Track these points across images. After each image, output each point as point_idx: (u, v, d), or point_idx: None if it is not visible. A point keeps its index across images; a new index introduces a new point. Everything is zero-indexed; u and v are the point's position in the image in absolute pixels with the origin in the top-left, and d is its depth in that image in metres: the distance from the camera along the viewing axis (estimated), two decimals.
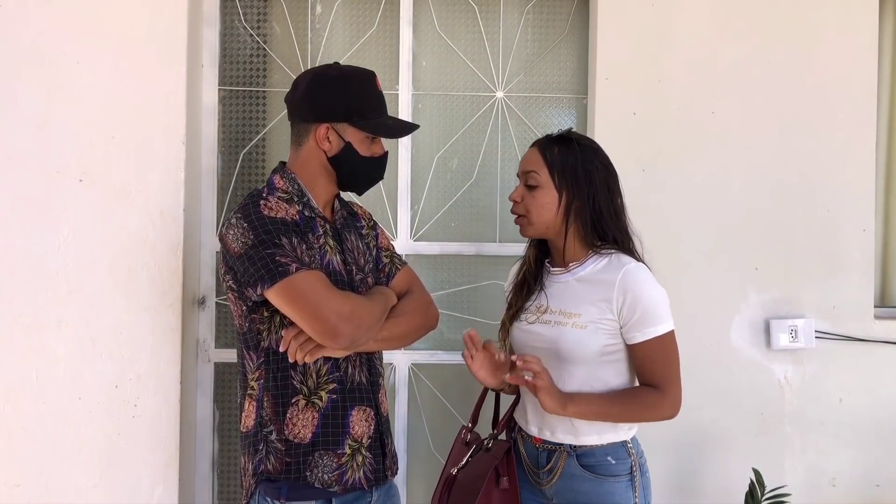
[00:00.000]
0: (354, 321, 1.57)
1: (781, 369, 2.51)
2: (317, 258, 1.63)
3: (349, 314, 1.56)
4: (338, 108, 1.67)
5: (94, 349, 2.29)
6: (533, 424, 1.82)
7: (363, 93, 1.70)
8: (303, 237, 1.62)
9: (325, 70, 1.72)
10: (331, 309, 1.55)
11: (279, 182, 1.70)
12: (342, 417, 1.66)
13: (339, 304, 1.56)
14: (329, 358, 1.65)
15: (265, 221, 1.58)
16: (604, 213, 1.76)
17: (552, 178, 1.75)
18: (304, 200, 1.69)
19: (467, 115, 2.61)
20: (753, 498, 2.31)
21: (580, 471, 1.74)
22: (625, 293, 1.70)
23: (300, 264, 1.56)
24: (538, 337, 1.79)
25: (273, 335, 1.65)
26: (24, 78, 2.28)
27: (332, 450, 1.65)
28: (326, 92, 1.67)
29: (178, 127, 2.33)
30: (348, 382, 1.68)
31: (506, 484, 1.76)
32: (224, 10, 2.55)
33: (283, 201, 1.66)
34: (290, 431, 1.63)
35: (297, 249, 1.58)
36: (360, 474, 1.67)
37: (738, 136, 2.49)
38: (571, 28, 2.61)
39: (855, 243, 2.51)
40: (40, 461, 2.28)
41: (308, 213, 1.68)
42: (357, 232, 1.81)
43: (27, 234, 2.28)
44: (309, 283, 1.55)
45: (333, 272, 1.67)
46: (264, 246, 1.56)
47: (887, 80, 2.68)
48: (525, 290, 1.86)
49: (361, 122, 1.68)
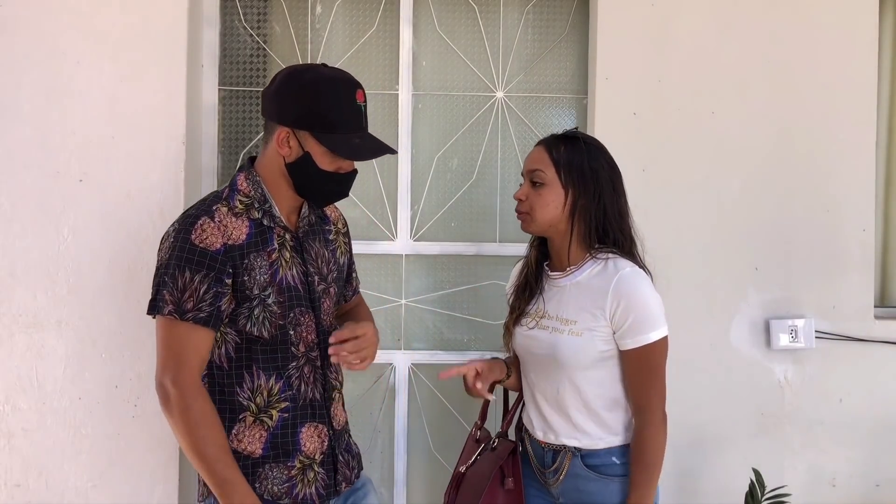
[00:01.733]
0: (176, 388, 1.53)
1: (781, 369, 2.51)
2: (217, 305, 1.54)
3: (172, 380, 1.53)
4: (302, 113, 1.56)
5: (94, 349, 2.29)
6: (538, 428, 1.82)
7: (335, 102, 1.56)
8: (227, 269, 1.54)
9: (302, 70, 1.61)
10: (166, 366, 1.54)
11: (242, 184, 1.62)
12: (292, 435, 1.63)
13: (173, 365, 1.53)
14: (281, 376, 1.61)
15: (185, 247, 1.53)
16: (608, 213, 1.76)
17: (558, 175, 1.74)
18: (266, 207, 1.61)
19: (467, 115, 2.61)
20: (753, 498, 2.31)
21: (585, 471, 1.74)
22: (618, 299, 1.69)
23: (176, 309, 1.51)
24: (537, 343, 1.79)
25: (218, 349, 1.60)
26: (24, 78, 2.28)
27: (282, 462, 1.62)
28: (295, 94, 1.56)
29: (178, 127, 2.33)
30: (300, 400, 1.63)
31: (511, 484, 1.77)
32: (224, 10, 2.55)
33: (236, 214, 1.58)
34: (237, 445, 1.60)
35: (195, 291, 1.51)
36: (312, 490, 1.64)
37: (738, 135, 2.49)
38: (571, 28, 2.61)
39: (855, 243, 2.51)
40: (40, 461, 2.28)
41: (267, 221, 1.61)
42: (323, 237, 1.74)
43: (27, 234, 2.28)
44: (168, 332, 1.54)
45: (287, 288, 1.60)
46: (167, 272, 1.54)
47: (887, 80, 2.68)
48: (527, 293, 1.86)
49: (322, 134, 1.55)
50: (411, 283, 2.59)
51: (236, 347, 1.60)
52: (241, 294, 1.56)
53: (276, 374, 1.60)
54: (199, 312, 1.52)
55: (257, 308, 1.57)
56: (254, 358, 1.60)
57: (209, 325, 1.54)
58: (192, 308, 1.52)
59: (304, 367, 1.64)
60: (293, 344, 1.62)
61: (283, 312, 1.59)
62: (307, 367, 1.64)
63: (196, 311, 1.52)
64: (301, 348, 1.63)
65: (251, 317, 1.57)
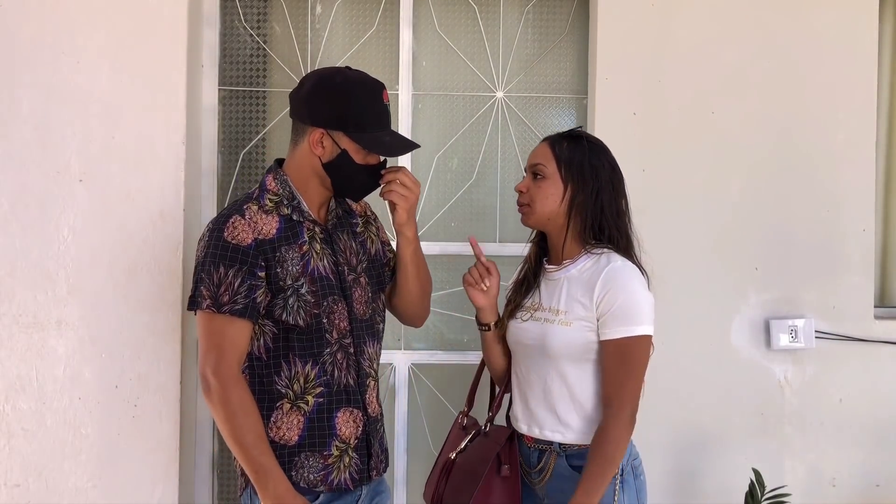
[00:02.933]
0: (216, 378, 1.60)
1: (781, 369, 2.51)
2: (252, 297, 1.61)
3: (213, 371, 1.60)
4: (336, 115, 1.65)
5: (94, 349, 2.29)
6: (522, 422, 1.82)
7: (365, 103, 1.67)
8: (259, 263, 1.62)
9: (332, 74, 1.70)
10: (206, 357, 1.62)
11: (271, 184, 1.70)
12: (328, 420, 1.68)
13: (213, 356, 1.61)
14: (316, 362, 1.67)
15: (219, 245, 1.62)
16: (605, 211, 1.78)
17: (559, 170, 1.77)
18: (294, 204, 1.69)
19: (467, 115, 2.61)
20: (753, 498, 2.31)
21: (570, 472, 1.74)
22: (605, 288, 1.70)
23: (213, 303, 1.60)
24: (528, 334, 1.80)
25: (257, 341, 1.67)
26: (24, 78, 2.28)
27: (318, 451, 1.67)
28: (327, 97, 1.66)
29: (178, 127, 2.33)
30: (335, 385, 1.69)
31: (507, 472, 1.77)
32: (224, 10, 2.55)
33: (266, 211, 1.66)
34: (276, 434, 1.66)
35: (230, 285, 1.60)
36: (346, 475, 1.69)
37: (737, 135, 2.49)
38: (571, 28, 2.61)
39: (855, 243, 2.51)
40: (40, 461, 2.28)
41: (297, 216, 1.69)
42: (351, 230, 1.81)
43: (27, 234, 2.28)
44: (207, 325, 1.63)
45: (319, 278, 1.68)
46: (203, 269, 1.63)
47: (887, 80, 2.68)
48: (524, 288, 1.88)
49: (357, 133, 1.66)
50: None
51: (274, 338, 1.67)
52: (276, 286, 1.64)
53: (311, 360, 1.67)
54: (235, 304, 1.60)
55: (291, 298, 1.65)
56: (291, 346, 1.67)
57: (245, 317, 1.62)
58: (229, 301, 1.60)
59: (338, 353, 1.70)
60: (327, 331, 1.68)
61: (316, 301, 1.67)
62: (340, 354, 1.70)
63: (232, 304, 1.60)
64: (335, 335, 1.69)
65: (286, 307, 1.64)
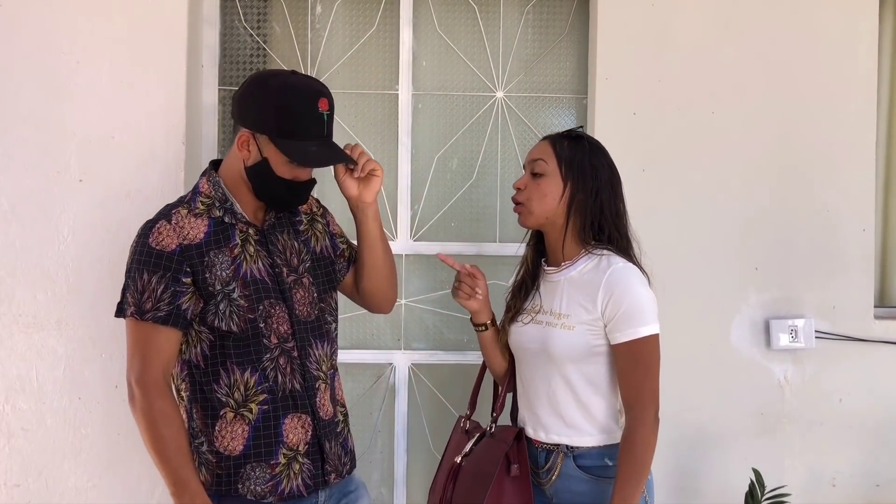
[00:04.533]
0: (139, 386, 1.58)
1: (781, 369, 2.51)
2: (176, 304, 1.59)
3: (136, 379, 1.58)
4: (262, 118, 1.60)
5: (94, 349, 2.29)
6: (529, 425, 1.82)
7: (296, 109, 1.59)
8: (184, 269, 1.59)
9: (269, 76, 1.66)
10: (131, 365, 1.60)
11: (204, 186, 1.68)
12: (274, 427, 1.64)
13: (137, 364, 1.59)
14: (256, 369, 1.63)
15: (143, 251, 1.60)
16: (605, 210, 1.78)
17: (559, 168, 1.76)
18: (227, 206, 1.66)
19: (467, 115, 2.61)
20: (753, 498, 2.31)
21: (578, 472, 1.74)
22: (610, 292, 1.70)
23: (137, 310, 1.58)
24: (530, 337, 1.80)
25: (193, 348, 1.64)
26: (23, 78, 2.28)
27: (264, 460, 1.63)
28: (259, 98, 1.61)
29: (178, 127, 2.33)
30: (279, 391, 1.65)
31: (516, 471, 1.76)
32: (224, 10, 2.55)
33: (196, 215, 1.64)
34: (220, 444, 1.63)
35: (153, 291, 1.58)
36: (299, 482, 1.65)
37: (737, 135, 2.49)
38: (571, 28, 2.61)
39: (855, 243, 2.51)
40: (40, 461, 2.28)
41: (228, 219, 1.65)
42: (292, 229, 1.76)
43: (27, 234, 2.27)
44: (132, 333, 1.61)
45: (253, 281, 1.64)
46: (129, 275, 1.61)
47: (887, 80, 2.68)
48: (523, 292, 1.87)
49: (280, 140, 1.59)
50: (411, 283, 2.59)
51: (210, 345, 1.63)
52: (205, 291, 1.60)
53: (250, 367, 1.63)
54: (158, 312, 1.58)
55: (223, 303, 1.61)
56: (227, 353, 1.63)
57: (170, 324, 1.59)
58: (152, 308, 1.58)
59: (279, 358, 1.66)
60: (264, 336, 1.64)
61: (250, 306, 1.63)
62: (283, 359, 1.66)
63: (155, 311, 1.58)
64: (273, 340, 1.65)
65: (217, 312, 1.61)
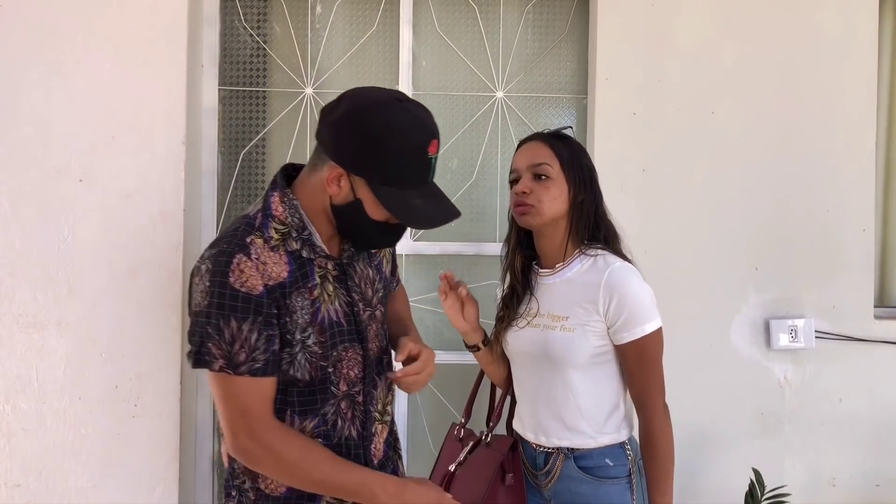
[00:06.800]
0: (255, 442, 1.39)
1: (781, 369, 2.51)
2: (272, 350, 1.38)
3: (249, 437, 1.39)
4: (361, 159, 1.36)
5: (94, 349, 2.29)
6: (529, 430, 1.81)
7: (403, 157, 1.36)
8: (273, 311, 1.38)
9: (374, 105, 1.38)
10: (235, 427, 1.38)
11: (277, 208, 1.42)
12: None
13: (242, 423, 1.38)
14: (316, 414, 1.46)
15: (224, 293, 1.33)
16: (598, 209, 1.80)
17: (563, 170, 1.76)
18: (305, 236, 1.43)
19: (467, 115, 2.61)
20: (753, 498, 2.31)
21: (578, 473, 1.74)
22: (611, 294, 1.69)
23: (228, 364, 1.35)
24: (528, 342, 1.79)
25: None
26: (23, 78, 2.28)
27: None
28: (358, 133, 1.35)
29: (178, 127, 2.33)
30: (335, 438, 1.48)
31: (511, 481, 1.76)
32: (224, 10, 2.55)
33: (272, 248, 1.40)
34: (264, 482, 1.46)
35: (245, 340, 1.34)
36: None
37: (737, 136, 2.49)
38: (571, 28, 2.61)
39: (855, 243, 2.51)
40: (40, 461, 2.28)
41: (307, 253, 1.43)
42: (367, 254, 1.58)
43: (27, 234, 2.28)
44: (225, 389, 1.37)
45: (329, 325, 1.44)
46: (209, 322, 1.34)
47: (887, 80, 2.68)
48: (515, 300, 1.85)
49: (381, 188, 1.37)
50: (411, 283, 2.59)
51: None
52: (283, 339, 1.40)
53: (311, 415, 1.46)
54: (255, 363, 1.36)
55: (300, 354, 1.42)
56: (289, 401, 1.45)
57: (267, 374, 1.38)
58: (246, 359, 1.35)
59: (342, 402, 1.49)
60: (333, 384, 1.47)
61: (324, 353, 1.44)
62: (345, 403, 1.49)
63: (251, 363, 1.36)
64: (342, 387, 1.48)
65: (294, 362, 1.42)
